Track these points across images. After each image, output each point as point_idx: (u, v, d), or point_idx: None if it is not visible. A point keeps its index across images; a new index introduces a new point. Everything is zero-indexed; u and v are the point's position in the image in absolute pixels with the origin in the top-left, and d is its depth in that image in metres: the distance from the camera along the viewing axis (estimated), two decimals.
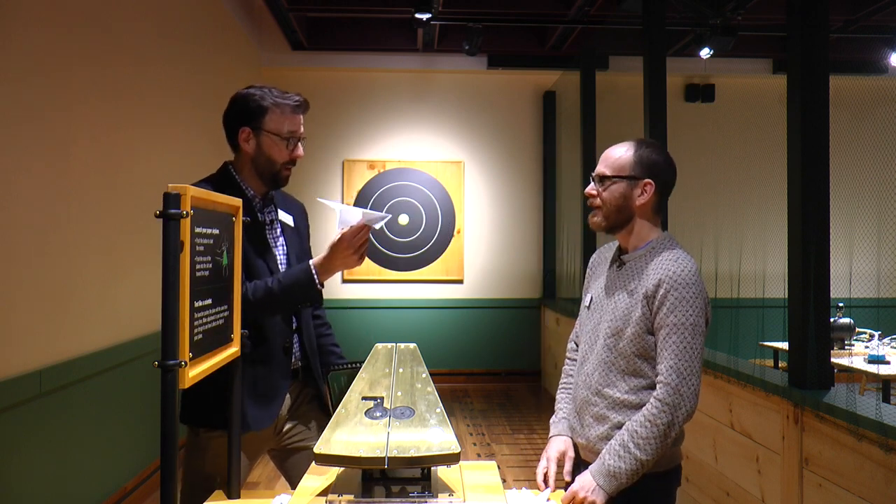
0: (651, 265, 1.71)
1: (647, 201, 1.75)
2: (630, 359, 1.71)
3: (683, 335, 1.65)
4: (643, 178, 1.74)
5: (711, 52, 5.51)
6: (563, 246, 6.42)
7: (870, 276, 3.29)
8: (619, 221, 1.78)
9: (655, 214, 1.79)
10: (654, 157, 1.75)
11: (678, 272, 1.66)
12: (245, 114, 1.91)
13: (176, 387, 1.27)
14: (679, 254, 1.72)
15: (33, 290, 2.76)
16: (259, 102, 1.90)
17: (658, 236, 1.77)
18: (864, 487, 2.07)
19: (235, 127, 1.93)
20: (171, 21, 4.25)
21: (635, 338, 1.70)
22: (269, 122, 1.91)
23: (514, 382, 6.93)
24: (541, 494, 1.72)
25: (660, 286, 1.66)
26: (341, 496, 1.53)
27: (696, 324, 1.65)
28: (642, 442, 1.62)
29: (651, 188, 1.74)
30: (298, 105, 1.95)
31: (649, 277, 1.69)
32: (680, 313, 1.64)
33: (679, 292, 1.65)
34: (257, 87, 1.95)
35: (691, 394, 1.64)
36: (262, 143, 1.92)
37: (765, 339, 4.99)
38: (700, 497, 3.16)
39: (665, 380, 1.64)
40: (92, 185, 3.23)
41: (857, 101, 3.04)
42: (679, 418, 1.63)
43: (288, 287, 1.87)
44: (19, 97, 2.66)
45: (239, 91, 1.95)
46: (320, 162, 6.76)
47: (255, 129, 1.91)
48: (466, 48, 6.00)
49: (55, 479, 2.89)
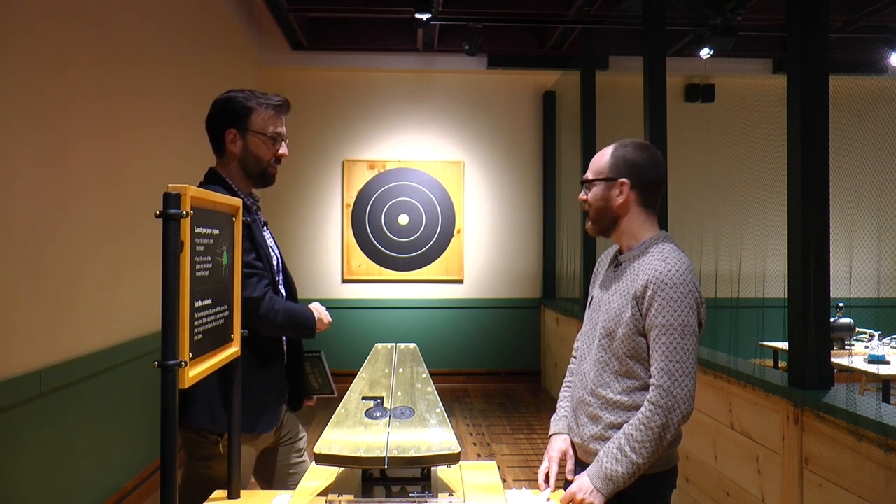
0: (641, 265, 1.71)
1: (626, 200, 1.75)
2: (622, 360, 1.71)
3: (673, 336, 1.63)
4: (618, 177, 1.75)
5: (711, 52, 5.51)
6: (563, 246, 6.42)
7: (870, 276, 3.29)
8: (606, 224, 1.80)
9: (645, 213, 1.77)
10: (630, 156, 1.76)
11: (665, 272, 1.64)
12: (230, 116, 1.94)
13: (176, 387, 1.27)
14: (669, 252, 1.69)
15: (33, 290, 2.76)
16: (244, 104, 1.94)
17: (653, 235, 1.76)
18: (864, 487, 2.07)
19: (221, 129, 1.96)
20: (170, 21, 4.25)
21: (626, 339, 1.69)
22: (254, 123, 1.95)
23: (514, 382, 6.93)
24: (540, 494, 1.72)
25: (647, 287, 1.65)
26: (341, 496, 1.53)
27: (686, 324, 1.63)
28: (637, 445, 1.62)
29: (626, 187, 1.74)
30: (281, 105, 2.00)
31: (639, 278, 1.69)
32: (668, 314, 1.63)
33: (666, 292, 1.63)
34: (237, 90, 1.98)
35: (685, 396, 1.63)
36: (248, 143, 1.96)
37: (765, 339, 4.99)
38: (700, 497, 3.16)
39: (657, 382, 1.64)
40: (92, 185, 3.23)
41: (857, 101, 3.04)
42: (674, 420, 1.62)
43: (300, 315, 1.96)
44: (19, 97, 2.66)
45: (219, 96, 1.98)
46: (320, 162, 6.76)
47: (242, 130, 1.95)
48: (466, 48, 6.00)
49: (55, 479, 2.89)
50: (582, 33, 6.40)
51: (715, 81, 6.87)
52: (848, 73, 5.36)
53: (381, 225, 6.84)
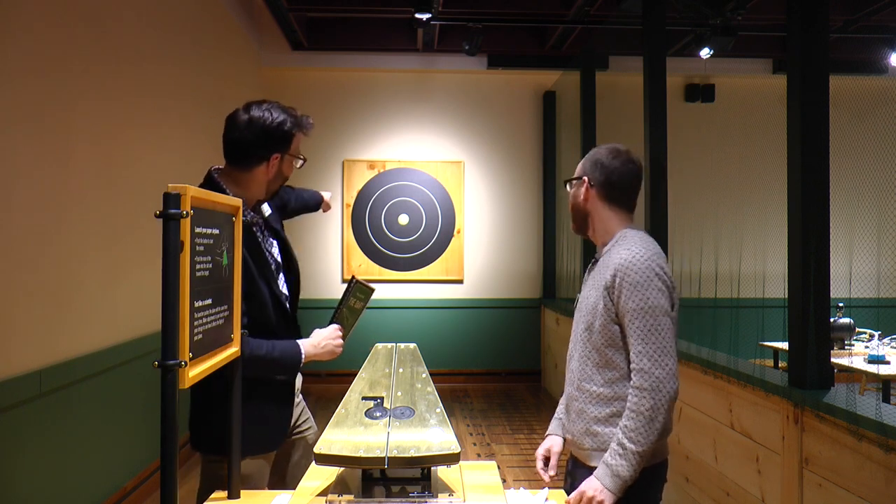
0: (610, 257, 1.78)
1: (590, 198, 1.85)
2: (602, 351, 1.76)
3: (645, 319, 1.67)
4: (582, 176, 1.86)
5: (711, 52, 5.51)
6: (563, 246, 6.42)
7: (870, 276, 3.29)
8: (580, 221, 1.91)
9: (612, 211, 1.84)
10: (596, 156, 1.85)
11: (628, 259, 1.71)
12: (275, 141, 1.91)
13: (176, 387, 1.27)
14: (633, 241, 1.76)
15: (33, 290, 2.76)
16: (288, 130, 1.91)
17: (622, 230, 1.83)
18: (864, 487, 2.07)
19: (263, 153, 1.90)
20: (170, 21, 4.25)
21: (603, 329, 1.75)
22: (293, 146, 1.96)
23: (514, 382, 6.93)
24: (539, 494, 1.72)
25: (615, 275, 1.72)
26: (341, 496, 1.53)
27: (657, 305, 1.68)
28: (633, 434, 1.64)
29: (584, 184, 1.85)
30: (311, 127, 2.00)
31: (608, 269, 1.75)
32: (638, 298, 1.68)
33: (632, 278, 1.69)
34: (269, 106, 1.91)
35: (667, 375, 1.66)
36: (283, 166, 1.96)
37: (765, 339, 4.99)
38: (700, 497, 3.16)
39: (637, 366, 1.68)
40: (92, 185, 3.23)
41: (857, 101, 3.04)
42: (662, 401, 1.65)
43: (278, 360, 1.90)
44: (19, 97, 2.66)
45: (257, 114, 1.89)
46: (320, 162, 6.76)
47: (284, 154, 1.94)
48: (466, 48, 6.00)
49: (55, 479, 2.89)
50: (582, 33, 6.40)
51: (715, 81, 6.87)
52: (848, 73, 5.36)
53: (381, 225, 6.84)
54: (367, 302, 2.13)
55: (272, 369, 1.90)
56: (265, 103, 1.93)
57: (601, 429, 1.75)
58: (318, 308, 6.59)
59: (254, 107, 1.91)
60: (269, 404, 1.93)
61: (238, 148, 1.90)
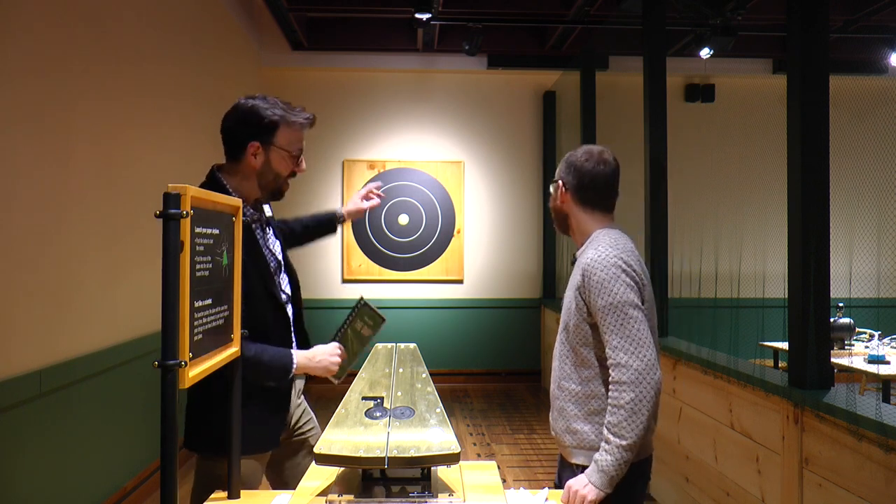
0: (582, 258, 1.81)
1: (565, 200, 1.88)
2: (577, 349, 1.79)
3: (616, 314, 1.69)
4: (557, 179, 1.91)
5: (711, 52, 5.51)
6: (563, 246, 6.42)
7: (870, 276, 3.29)
8: (559, 222, 1.94)
9: (586, 212, 1.87)
10: (571, 159, 1.90)
11: (594, 258, 1.74)
12: (255, 127, 1.85)
13: (176, 387, 1.27)
14: (602, 241, 1.79)
15: (33, 290, 2.76)
16: (270, 118, 1.85)
17: (596, 231, 1.85)
18: (864, 487, 2.07)
19: (243, 140, 1.86)
20: (170, 21, 4.25)
21: (576, 328, 1.78)
22: (279, 138, 1.88)
23: (514, 382, 6.93)
24: (539, 494, 1.73)
25: (584, 275, 1.75)
26: (341, 496, 1.53)
27: (624, 300, 1.69)
28: (616, 428, 1.66)
29: (561, 188, 1.89)
30: (309, 123, 1.93)
31: (578, 270, 1.79)
32: (605, 295, 1.70)
33: (598, 276, 1.72)
34: (261, 97, 1.89)
35: (646, 366, 1.66)
36: (270, 159, 1.88)
37: (765, 339, 4.99)
38: (700, 497, 3.16)
39: (614, 361, 1.69)
40: (92, 185, 3.23)
41: (857, 101, 3.04)
42: (645, 392, 1.65)
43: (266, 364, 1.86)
44: (19, 97, 2.66)
45: (242, 101, 1.88)
46: (320, 162, 6.76)
47: (266, 144, 1.87)
48: (466, 48, 6.00)
49: (55, 479, 2.89)
50: (582, 33, 6.40)
51: (715, 81, 6.87)
52: (848, 73, 5.36)
53: (381, 225, 6.84)
54: (376, 331, 2.08)
55: (258, 373, 1.86)
56: (259, 96, 1.91)
57: (580, 426, 1.78)
58: (317, 308, 6.61)
59: (245, 98, 1.90)
60: (264, 405, 1.92)
61: (224, 136, 1.91)
